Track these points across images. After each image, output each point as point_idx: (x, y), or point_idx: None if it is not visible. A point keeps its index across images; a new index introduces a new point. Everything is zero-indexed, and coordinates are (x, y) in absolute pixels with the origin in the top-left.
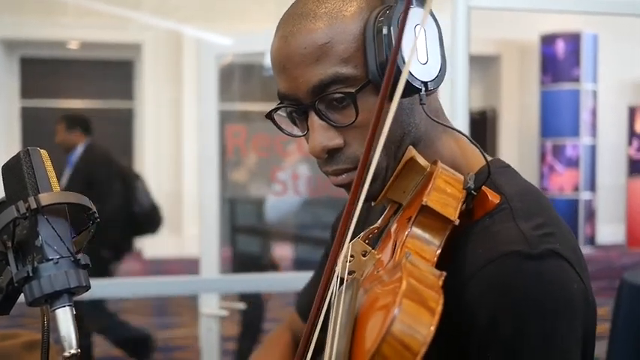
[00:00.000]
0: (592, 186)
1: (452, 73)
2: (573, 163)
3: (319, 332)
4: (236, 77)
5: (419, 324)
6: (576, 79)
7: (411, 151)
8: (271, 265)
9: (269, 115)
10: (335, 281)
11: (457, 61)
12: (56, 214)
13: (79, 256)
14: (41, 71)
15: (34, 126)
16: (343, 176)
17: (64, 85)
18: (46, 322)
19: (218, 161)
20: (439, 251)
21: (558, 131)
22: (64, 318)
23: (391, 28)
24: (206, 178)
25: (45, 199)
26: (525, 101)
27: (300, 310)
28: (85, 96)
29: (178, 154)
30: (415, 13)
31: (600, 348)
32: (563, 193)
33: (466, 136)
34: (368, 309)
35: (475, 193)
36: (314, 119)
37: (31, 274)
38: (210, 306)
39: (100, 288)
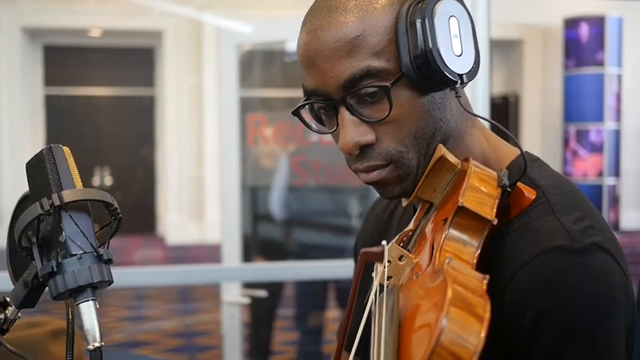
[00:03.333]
0: (616, 171)
1: None
2: (597, 149)
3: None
4: (257, 64)
5: (468, 333)
6: (600, 63)
7: (441, 149)
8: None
9: (296, 112)
10: (373, 289)
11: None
12: (79, 210)
13: (102, 251)
14: (64, 59)
15: (57, 114)
16: (375, 173)
17: (87, 72)
18: (71, 315)
19: (239, 149)
20: (478, 252)
21: (582, 116)
22: (88, 312)
23: (425, 20)
24: (227, 166)
25: (68, 195)
26: (548, 86)
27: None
28: (106, 83)
29: (200, 140)
30: (448, 5)
31: None
32: (587, 179)
33: (501, 127)
34: (412, 318)
35: (510, 190)
36: (345, 115)
37: (55, 269)
38: (232, 294)
39: (123, 277)
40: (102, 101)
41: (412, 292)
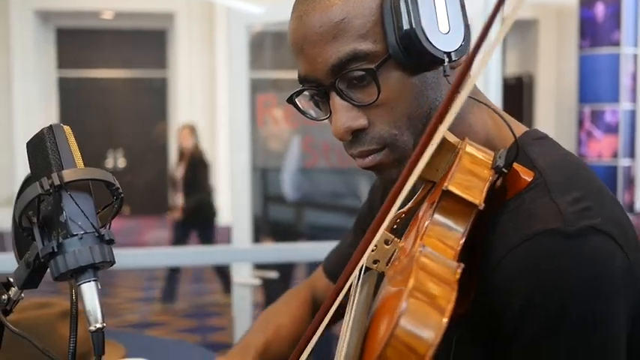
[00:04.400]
0: (631, 152)
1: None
2: (612, 129)
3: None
4: (267, 45)
5: (425, 325)
6: (616, 43)
7: None
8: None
9: (290, 100)
10: (356, 272)
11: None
12: (80, 190)
13: (104, 231)
14: (76, 41)
15: (70, 96)
16: (369, 158)
17: (99, 54)
18: (75, 295)
19: (249, 130)
20: (464, 238)
21: (597, 96)
22: (90, 293)
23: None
24: (237, 148)
25: (68, 175)
26: (563, 66)
27: (327, 268)
28: (119, 65)
29: (212, 121)
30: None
31: None
32: (602, 160)
33: (493, 109)
34: (383, 304)
35: (506, 171)
36: (335, 100)
37: (56, 250)
38: (243, 275)
39: (134, 258)
40: (115, 83)
41: (393, 277)
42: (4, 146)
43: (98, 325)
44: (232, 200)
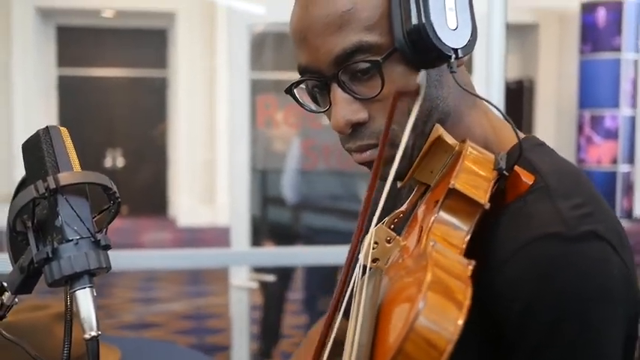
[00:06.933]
0: (631, 158)
1: (488, 42)
2: (612, 135)
3: (343, 321)
4: (268, 46)
5: (445, 319)
6: (617, 49)
7: (438, 130)
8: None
9: (289, 90)
10: (357, 270)
11: (493, 31)
12: (76, 194)
13: (100, 236)
14: (77, 40)
15: (70, 94)
16: (367, 153)
17: (100, 53)
18: (69, 301)
19: (249, 131)
20: (468, 237)
21: (597, 102)
22: (84, 299)
23: None
24: (237, 149)
25: (64, 178)
26: (564, 71)
27: None
28: (119, 64)
29: (212, 122)
30: None
31: None
32: (601, 165)
33: (499, 111)
34: (392, 301)
35: (507, 174)
36: (337, 92)
37: (50, 255)
38: (241, 278)
39: (131, 260)
40: (115, 82)
41: (396, 275)
42: (3, 143)
43: (93, 334)
44: (231, 202)
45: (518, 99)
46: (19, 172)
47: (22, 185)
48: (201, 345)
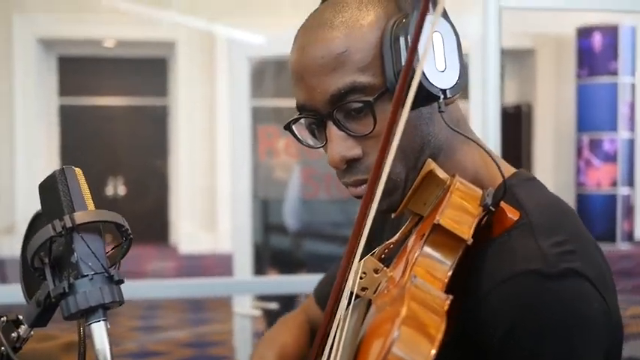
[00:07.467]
0: (630, 181)
1: (483, 67)
2: (611, 158)
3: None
4: (269, 73)
5: (416, 353)
6: (614, 73)
7: (430, 164)
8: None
9: (287, 127)
10: (345, 298)
11: (488, 55)
12: (91, 232)
13: (113, 271)
14: (78, 69)
15: (71, 123)
16: (362, 187)
17: (101, 82)
18: (82, 334)
19: (250, 160)
20: (451, 272)
21: (595, 125)
22: (99, 332)
23: (408, 36)
24: (238, 177)
25: (80, 217)
26: (561, 95)
27: (317, 295)
28: (120, 93)
29: (212, 149)
30: (432, 21)
31: (638, 348)
32: (601, 189)
33: (484, 149)
34: (371, 332)
35: (493, 209)
36: (332, 129)
37: (67, 290)
38: (244, 306)
39: (134, 289)
40: (115, 111)
41: (381, 305)
42: (5, 172)
43: None
44: (233, 230)
45: (517, 124)
46: (21, 201)
47: (36, 220)
48: None
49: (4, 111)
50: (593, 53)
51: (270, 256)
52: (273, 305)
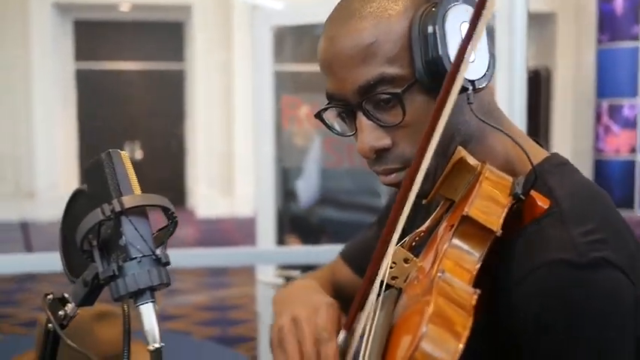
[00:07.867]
0: None
1: (510, 30)
2: (630, 124)
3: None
4: (289, 38)
5: (443, 350)
6: (635, 37)
7: (460, 152)
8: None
9: (318, 115)
10: (377, 285)
11: (515, 19)
12: (138, 215)
13: (160, 254)
14: (94, 34)
15: (88, 87)
16: (392, 176)
17: (117, 47)
18: (128, 313)
19: (273, 128)
20: (479, 264)
21: (615, 91)
22: (148, 314)
23: (436, 26)
24: (261, 145)
25: (128, 201)
26: (581, 60)
27: (347, 257)
28: (137, 58)
29: (230, 114)
30: (460, 11)
31: None
32: (619, 155)
33: (512, 138)
34: (401, 325)
35: (523, 198)
36: (362, 119)
37: (116, 273)
38: (267, 274)
39: None
40: (132, 75)
41: (411, 295)
42: (23, 138)
43: (157, 345)
44: (255, 197)
45: (536, 88)
46: (40, 166)
47: (77, 196)
48: (224, 336)
49: (20, 76)
50: (615, 17)
51: (290, 222)
52: (296, 273)
